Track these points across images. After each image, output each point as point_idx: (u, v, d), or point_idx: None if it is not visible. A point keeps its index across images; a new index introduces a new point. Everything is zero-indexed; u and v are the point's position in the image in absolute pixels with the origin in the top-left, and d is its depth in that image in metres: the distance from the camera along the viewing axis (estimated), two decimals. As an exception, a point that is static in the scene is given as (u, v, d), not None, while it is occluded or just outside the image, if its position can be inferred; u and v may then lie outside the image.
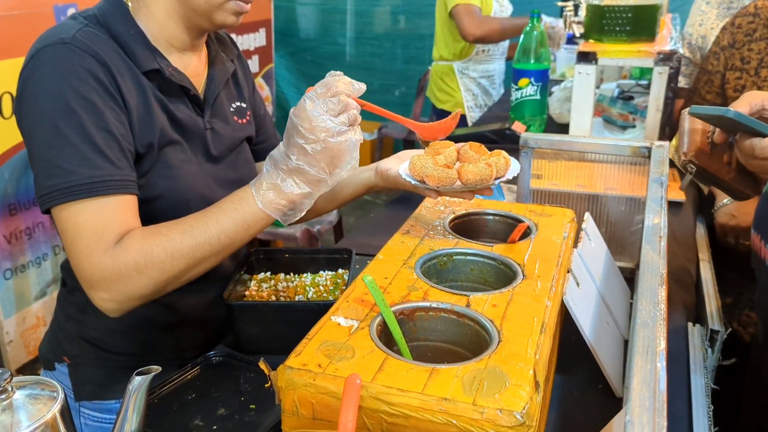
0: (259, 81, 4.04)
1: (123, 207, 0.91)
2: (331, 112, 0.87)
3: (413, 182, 1.00)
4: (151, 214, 0.97)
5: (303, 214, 0.95)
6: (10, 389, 0.64)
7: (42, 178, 0.89)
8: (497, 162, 0.98)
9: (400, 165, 1.08)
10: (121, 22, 0.97)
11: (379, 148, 4.60)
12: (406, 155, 1.07)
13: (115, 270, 0.87)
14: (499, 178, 0.98)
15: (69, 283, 1.12)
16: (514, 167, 1.01)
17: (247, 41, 3.81)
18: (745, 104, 0.99)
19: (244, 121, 1.17)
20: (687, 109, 1.07)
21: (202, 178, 1.05)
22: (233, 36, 3.78)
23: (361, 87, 0.90)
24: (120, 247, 0.88)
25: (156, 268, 0.88)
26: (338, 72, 0.90)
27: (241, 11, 1.00)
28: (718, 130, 1.04)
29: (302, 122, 0.86)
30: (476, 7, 2.74)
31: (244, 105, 1.18)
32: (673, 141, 1.13)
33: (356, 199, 1.22)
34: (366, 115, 0.94)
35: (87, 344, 1.10)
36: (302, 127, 0.86)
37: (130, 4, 1.00)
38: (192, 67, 1.06)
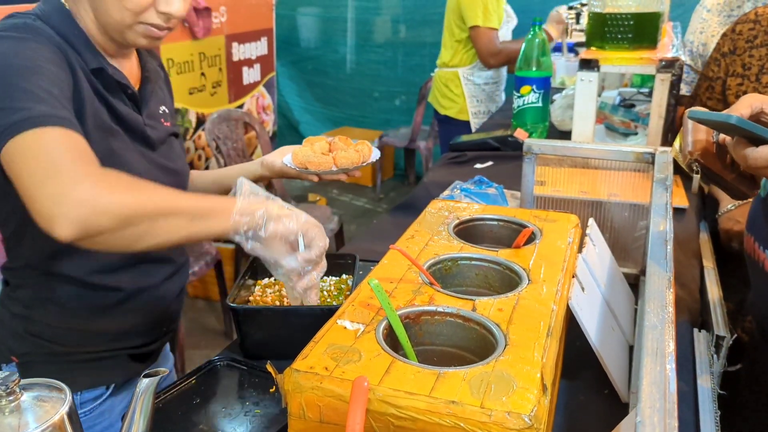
0: (261, 90, 4.04)
1: (86, 144, 0.86)
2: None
3: (297, 169, 1.20)
4: None
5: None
6: (17, 391, 0.64)
7: None
8: (362, 149, 1.23)
9: (283, 157, 1.23)
10: (65, 23, 1.00)
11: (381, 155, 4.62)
12: (287, 150, 1.25)
13: (93, 176, 0.81)
14: (364, 162, 1.23)
15: (12, 281, 1.10)
16: (375, 153, 1.27)
17: (248, 50, 3.82)
18: (746, 106, 1.00)
19: (169, 124, 1.19)
20: (690, 109, 1.07)
21: (145, 164, 1.08)
22: (235, 44, 3.74)
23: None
24: (101, 167, 0.83)
25: (122, 189, 0.81)
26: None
27: (152, 36, 1.01)
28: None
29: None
30: (495, 33, 2.81)
31: (168, 111, 1.20)
32: (676, 141, 1.13)
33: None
34: (368, 123, 0.94)
35: (36, 339, 1.08)
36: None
37: (69, 7, 1.02)
38: (126, 69, 1.10)
